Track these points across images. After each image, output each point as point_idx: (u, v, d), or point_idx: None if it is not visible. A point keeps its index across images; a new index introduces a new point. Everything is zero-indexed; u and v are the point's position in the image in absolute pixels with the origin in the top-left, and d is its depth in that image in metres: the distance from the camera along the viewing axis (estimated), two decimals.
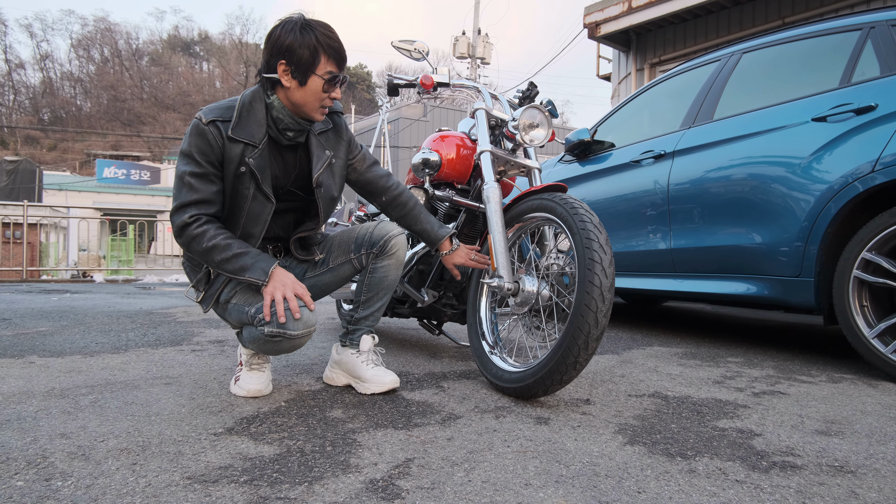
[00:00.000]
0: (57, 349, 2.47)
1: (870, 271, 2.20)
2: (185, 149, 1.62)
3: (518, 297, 1.83)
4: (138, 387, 1.82)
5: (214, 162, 1.62)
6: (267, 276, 1.58)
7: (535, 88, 2.46)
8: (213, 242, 1.59)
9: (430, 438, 1.39)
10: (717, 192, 2.75)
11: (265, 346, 1.62)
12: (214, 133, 1.60)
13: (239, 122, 1.63)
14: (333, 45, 1.64)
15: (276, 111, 1.67)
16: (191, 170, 1.61)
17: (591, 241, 1.60)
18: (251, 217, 1.68)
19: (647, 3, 7.49)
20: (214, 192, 1.63)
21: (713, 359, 2.52)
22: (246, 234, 1.70)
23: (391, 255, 1.83)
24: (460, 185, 2.33)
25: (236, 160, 1.62)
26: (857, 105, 2.31)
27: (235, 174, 1.63)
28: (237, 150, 1.62)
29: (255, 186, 1.66)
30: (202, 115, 1.62)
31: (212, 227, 1.61)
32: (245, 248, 1.62)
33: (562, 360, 1.58)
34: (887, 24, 2.44)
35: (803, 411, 1.69)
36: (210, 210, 1.63)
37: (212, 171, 1.62)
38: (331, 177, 1.81)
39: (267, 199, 1.68)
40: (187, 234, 1.60)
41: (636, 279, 3.23)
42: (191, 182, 1.61)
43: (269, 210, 1.70)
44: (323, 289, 1.91)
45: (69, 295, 5.31)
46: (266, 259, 1.62)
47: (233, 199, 1.67)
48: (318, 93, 1.64)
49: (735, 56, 3.05)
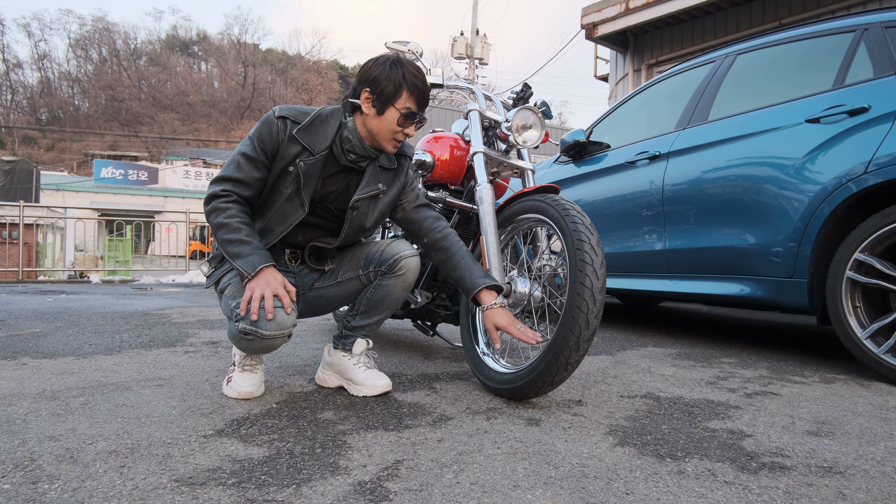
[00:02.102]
0: (50, 351, 2.46)
1: (862, 272, 2.21)
2: (251, 133, 1.70)
3: (510, 299, 1.83)
4: (130, 388, 1.82)
5: (268, 152, 1.68)
6: (254, 272, 1.58)
7: (529, 89, 2.46)
8: (228, 220, 1.63)
9: (421, 440, 1.39)
10: (712, 193, 2.75)
11: (240, 342, 1.62)
12: (280, 127, 1.67)
13: (308, 128, 1.70)
14: (418, 84, 1.69)
15: (347, 131, 1.72)
16: (245, 151, 1.68)
17: (582, 243, 1.61)
18: (279, 215, 1.73)
19: (644, 4, 7.50)
20: (256, 178, 1.69)
21: (707, 359, 2.52)
22: (268, 229, 1.74)
23: (398, 276, 1.80)
24: (454, 186, 2.33)
25: (289, 159, 1.68)
26: (851, 106, 2.32)
27: (283, 171, 1.69)
28: (293, 151, 1.68)
29: (294, 188, 1.70)
30: (277, 110, 1.70)
31: (236, 208, 1.66)
32: (251, 239, 1.63)
33: (553, 361, 1.58)
34: (881, 25, 2.44)
35: (795, 412, 1.69)
36: (244, 192, 1.68)
37: (262, 158, 1.68)
38: (370, 207, 1.79)
39: (301, 205, 1.72)
40: (213, 204, 1.66)
41: (632, 280, 3.23)
42: (240, 161, 1.68)
43: (299, 216, 1.73)
44: (329, 301, 1.90)
45: (64, 296, 5.29)
46: (263, 256, 1.62)
47: (270, 193, 1.72)
48: (393, 125, 1.68)
49: (730, 57, 3.06)
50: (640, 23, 7.66)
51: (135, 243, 15.06)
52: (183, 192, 29.54)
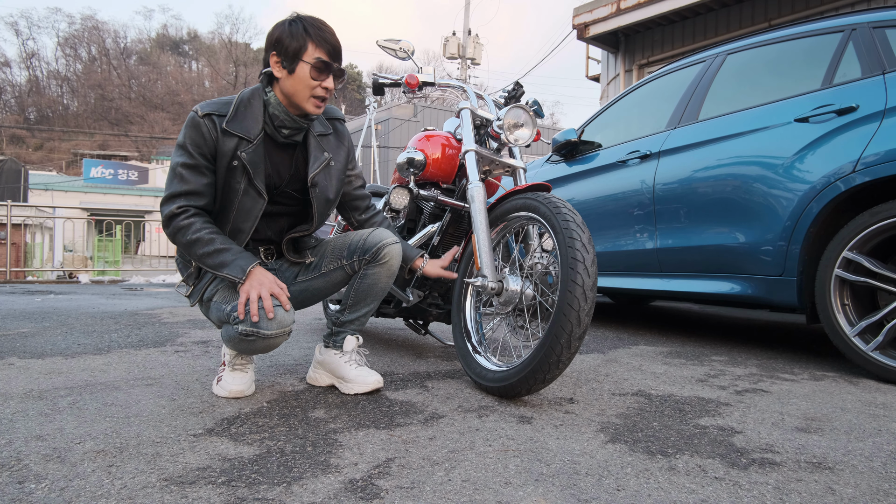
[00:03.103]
0: (37, 350, 2.43)
1: (851, 270, 2.22)
2: (181, 141, 1.64)
3: (502, 297, 1.83)
4: (118, 388, 1.80)
5: (207, 155, 1.63)
6: (245, 274, 1.58)
7: (520, 88, 2.46)
8: (197, 235, 1.60)
9: (412, 438, 1.38)
10: (702, 192, 2.76)
11: (240, 345, 1.61)
12: (209, 126, 1.62)
13: (235, 117, 1.65)
14: (322, 34, 1.66)
15: (272, 107, 1.69)
16: (183, 161, 1.62)
17: (573, 241, 1.61)
18: (241, 212, 1.69)
19: (635, 4, 7.53)
20: (205, 185, 1.64)
21: (698, 357, 2.53)
22: (236, 229, 1.71)
23: (382, 264, 1.81)
24: (445, 185, 2.32)
25: (229, 154, 1.64)
26: (839, 106, 2.34)
27: (228, 168, 1.65)
28: (231, 144, 1.64)
29: (246, 181, 1.67)
30: (199, 109, 1.64)
31: (199, 220, 1.62)
32: (228, 245, 1.62)
33: (545, 359, 1.58)
34: (868, 26, 2.47)
35: (784, 409, 1.70)
36: (199, 202, 1.64)
37: (203, 163, 1.63)
38: (327, 178, 1.80)
39: (259, 194, 1.69)
40: (174, 224, 1.61)
41: (623, 279, 3.24)
42: (182, 173, 1.62)
43: (261, 206, 1.70)
44: (314, 294, 1.90)
45: (53, 296, 5.25)
46: (247, 257, 1.62)
47: (224, 193, 1.68)
48: (307, 80, 1.64)
49: (720, 57, 3.07)
50: (631, 23, 7.69)
51: (124, 243, 14.95)
52: None
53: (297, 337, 2.89)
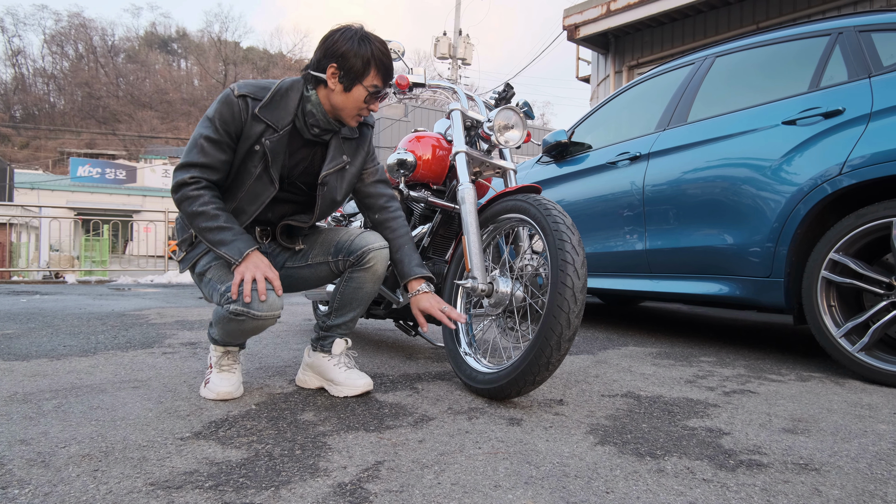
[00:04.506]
0: (22, 352, 2.40)
1: (837, 272, 2.24)
2: (210, 114, 1.65)
3: (492, 298, 1.83)
4: (105, 391, 1.78)
5: (232, 133, 1.65)
6: (241, 257, 1.59)
7: (511, 90, 2.47)
8: (203, 208, 1.61)
9: (402, 441, 1.38)
10: (692, 193, 2.78)
11: (228, 324, 1.62)
12: (241, 107, 1.64)
13: (269, 105, 1.67)
14: (385, 62, 1.69)
15: (310, 105, 1.70)
16: (207, 134, 1.63)
17: (563, 243, 1.61)
18: (250, 195, 1.71)
19: (625, 6, 7.56)
20: (222, 161, 1.66)
21: (686, 358, 2.55)
22: (239, 209, 1.72)
23: (367, 269, 1.80)
24: (436, 186, 2.32)
25: (254, 138, 1.66)
26: (826, 109, 2.36)
27: (249, 151, 1.67)
28: (258, 130, 1.65)
29: (262, 167, 1.69)
30: (235, 88, 1.66)
31: (208, 194, 1.64)
32: (230, 224, 1.63)
33: (534, 361, 1.58)
34: (854, 29, 2.49)
35: (771, 410, 1.72)
36: (213, 176, 1.66)
37: (227, 140, 1.65)
38: (338, 181, 1.81)
39: (271, 182, 1.71)
40: (183, 192, 1.63)
41: (612, 280, 3.26)
42: (203, 145, 1.63)
43: (270, 194, 1.72)
44: (299, 282, 1.91)
45: (39, 296, 5.18)
46: (246, 240, 1.63)
47: (238, 173, 1.70)
48: (359, 102, 1.69)
49: (709, 60, 3.09)
50: (621, 25, 7.72)
51: (112, 243, 14.81)
52: (162, 192, 29.11)
53: (286, 338, 2.88)
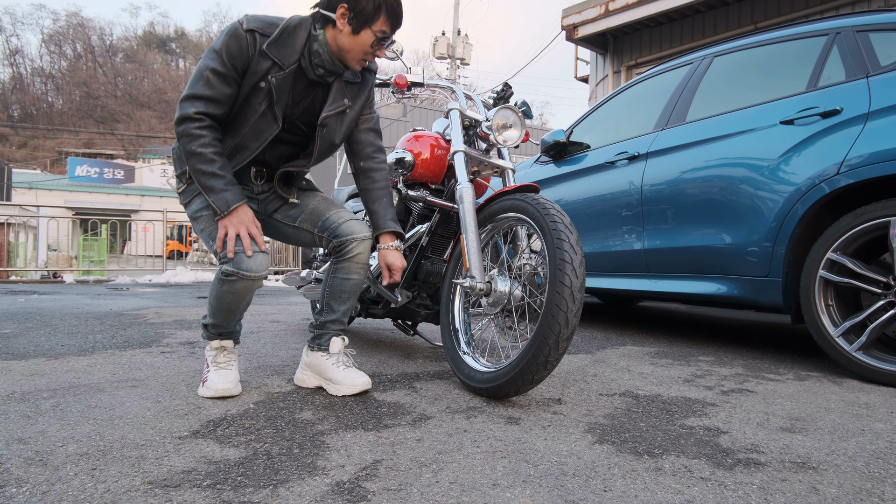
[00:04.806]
0: (20, 351, 2.40)
1: (835, 271, 2.25)
2: (216, 46, 1.64)
3: (490, 298, 1.83)
4: (103, 390, 1.78)
5: (238, 67, 1.64)
6: (228, 210, 1.62)
7: (509, 89, 2.47)
8: (201, 150, 1.63)
9: (400, 439, 1.38)
10: (690, 193, 2.78)
11: (222, 288, 1.68)
12: (249, 41, 1.63)
13: (277, 41, 1.66)
14: (396, 9, 1.69)
15: (317, 45, 1.70)
16: (214, 66, 1.63)
17: (561, 242, 1.61)
18: (254, 132, 1.72)
19: (623, 6, 7.57)
20: (227, 95, 1.66)
21: (685, 358, 2.55)
22: (242, 145, 1.73)
23: (350, 258, 1.82)
24: (434, 186, 2.32)
25: (260, 74, 1.65)
26: (823, 109, 2.36)
27: (254, 87, 1.67)
28: (264, 66, 1.65)
29: (267, 104, 1.69)
30: (244, 21, 1.65)
31: (209, 136, 1.64)
32: (224, 173, 1.65)
33: (533, 360, 1.59)
34: (852, 29, 2.50)
35: (769, 409, 1.72)
36: (217, 110, 1.66)
37: (233, 74, 1.64)
38: (338, 123, 1.83)
39: (275, 120, 1.71)
40: (186, 127, 1.63)
41: (611, 279, 3.26)
42: (209, 77, 1.63)
43: (273, 131, 1.73)
44: (283, 237, 1.95)
45: (36, 296, 5.17)
46: (235, 193, 1.65)
47: (242, 109, 1.70)
48: (366, 46, 1.69)
49: (707, 59, 3.10)
50: (619, 25, 7.73)
51: (110, 243, 14.78)
52: (160, 191, 29.08)
53: (284, 337, 2.88)
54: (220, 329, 1.82)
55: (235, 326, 1.86)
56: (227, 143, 1.73)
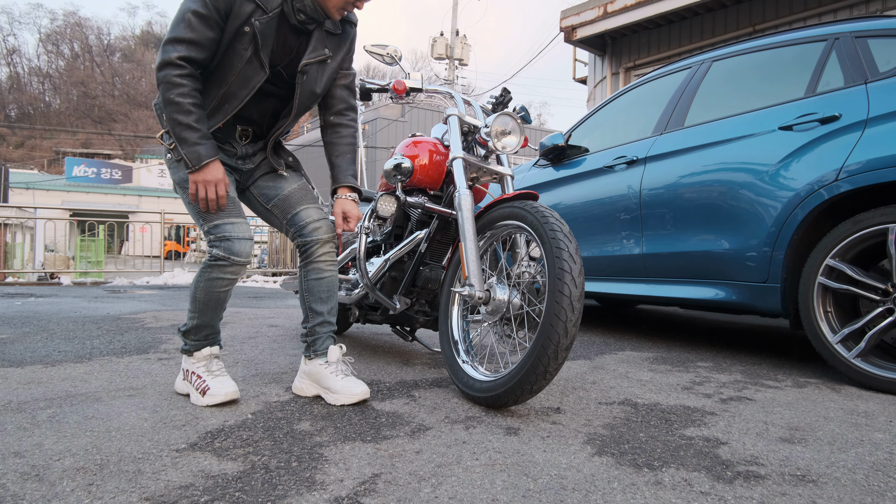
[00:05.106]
0: (17, 358, 2.39)
1: (833, 278, 2.25)
2: None
3: (489, 306, 1.83)
4: (100, 399, 1.77)
5: (221, 10, 1.63)
6: (199, 164, 1.64)
7: (508, 94, 2.46)
8: (180, 99, 1.62)
9: (399, 452, 1.37)
10: (688, 197, 2.78)
11: (211, 274, 1.73)
12: None
13: None
14: None
15: None
16: (196, 8, 1.61)
17: (560, 251, 1.61)
18: (241, 79, 1.71)
19: (622, 8, 7.57)
20: (210, 39, 1.64)
21: (683, 363, 2.55)
22: (230, 94, 1.72)
23: (317, 259, 1.87)
24: (433, 191, 2.31)
25: (243, 18, 1.65)
26: (822, 115, 2.36)
27: (237, 32, 1.67)
28: (247, 9, 1.65)
29: (253, 50, 1.69)
30: None
31: (189, 85, 1.64)
32: (200, 126, 1.65)
33: (532, 370, 1.58)
34: (851, 35, 2.50)
35: (768, 418, 1.72)
36: (200, 54, 1.64)
37: (216, 16, 1.63)
38: (319, 72, 1.83)
39: (261, 66, 1.71)
40: (167, 73, 1.62)
41: (610, 283, 3.25)
42: (191, 20, 1.61)
43: (261, 78, 1.72)
44: (254, 211, 1.99)
45: (33, 299, 5.16)
46: (208, 148, 1.66)
47: (227, 56, 1.70)
48: None
49: (705, 64, 3.10)
50: (618, 27, 7.73)
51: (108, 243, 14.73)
52: (158, 192, 29.03)
53: (282, 343, 2.87)
54: (205, 332, 1.83)
55: (219, 326, 1.88)
56: (214, 93, 1.73)
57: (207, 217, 1.72)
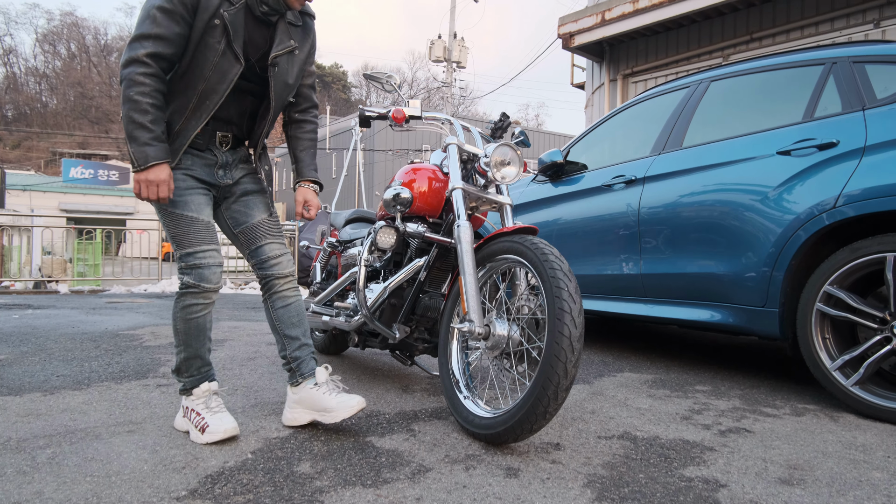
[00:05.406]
0: (16, 384, 2.38)
1: (831, 304, 2.25)
2: None
3: (489, 342, 1.83)
4: (99, 437, 1.77)
5: (187, 4, 1.64)
6: (145, 164, 1.63)
7: (507, 119, 2.47)
8: (139, 97, 1.61)
9: (399, 498, 1.38)
10: (687, 219, 2.79)
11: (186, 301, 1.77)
12: None
13: None
14: None
15: None
16: (160, 4, 1.62)
17: (560, 290, 1.61)
18: (218, 72, 1.72)
19: (620, 15, 7.57)
20: (176, 34, 1.65)
21: (682, 387, 2.55)
22: (209, 89, 1.72)
23: (279, 291, 1.93)
24: (432, 219, 2.31)
25: (211, 10, 1.66)
26: (820, 141, 2.37)
27: (208, 25, 1.68)
28: (214, 2, 1.66)
29: (226, 42, 1.71)
30: None
31: (152, 85, 1.63)
32: (154, 128, 1.64)
33: (531, 410, 1.59)
34: (849, 60, 2.50)
35: (767, 454, 1.72)
36: (167, 49, 1.64)
37: (181, 11, 1.64)
38: (289, 64, 1.86)
39: (236, 58, 1.73)
40: (132, 70, 1.61)
41: (608, 302, 3.26)
42: (156, 16, 1.62)
43: (237, 70, 1.74)
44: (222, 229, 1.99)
45: (31, 311, 5.14)
46: (159, 150, 1.65)
47: (200, 51, 1.69)
48: None
49: (703, 84, 3.10)
50: (615, 34, 7.73)
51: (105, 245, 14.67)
52: None
53: (282, 371, 2.86)
54: (196, 364, 1.85)
55: (208, 355, 1.89)
56: (193, 91, 1.72)
57: (182, 244, 1.75)
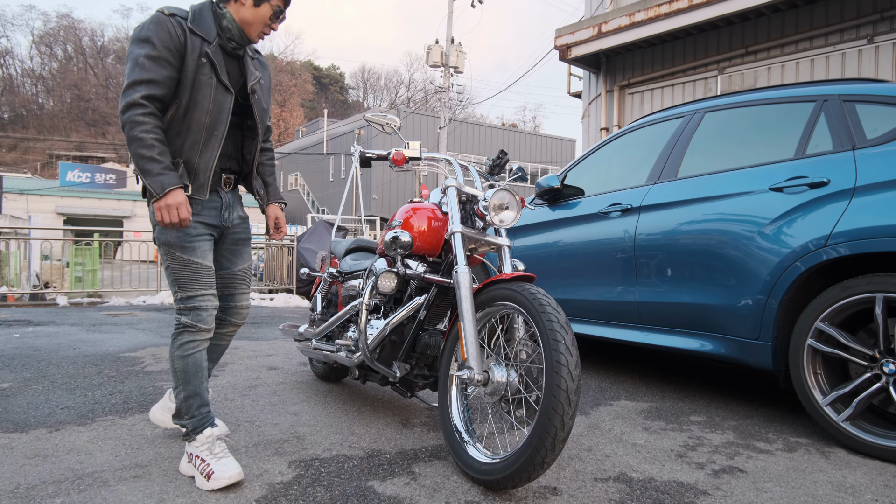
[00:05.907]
0: (20, 419, 2.42)
1: (823, 341, 2.30)
2: (143, 35, 1.76)
3: (488, 388, 1.87)
4: (107, 483, 1.80)
5: (172, 50, 1.77)
6: (163, 192, 1.73)
7: (505, 156, 2.52)
8: (143, 136, 1.72)
9: None
10: (682, 249, 2.84)
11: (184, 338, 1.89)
12: (175, 24, 1.78)
13: (195, 20, 1.84)
14: None
15: (226, 21, 1.89)
16: (146, 52, 1.74)
17: (557, 343, 1.65)
18: (217, 105, 1.86)
19: (616, 28, 7.62)
20: (166, 77, 1.77)
21: (677, 417, 2.60)
22: (214, 121, 1.86)
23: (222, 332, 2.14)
24: (432, 258, 2.36)
25: (197, 50, 1.81)
26: (812, 179, 2.42)
27: (197, 64, 1.81)
28: (197, 42, 1.82)
29: (215, 77, 1.85)
30: (164, 9, 1.81)
31: (151, 122, 1.74)
32: (162, 158, 1.75)
33: (529, 461, 1.63)
34: (839, 98, 2.55)
35: (759, 498, 1.77)
36: (159, 91, 1.76)
37: (167, 56, 1.76)
38: (262, 91, 2.05)
39: (227, 89, 1.88)
40: (131, 114, 1.72)
41: (605, 328, 3.30)
42: (144, 62, 1.74)
43: (230, 101, 1.90)
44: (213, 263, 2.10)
45: (32, 329, 5.17)
46: (172, 177, 1.76)
47: (197, 89, 1.82)
48: (265, 19, 1.90)
49: (698, 114, 3.15)
50: (612, 46, 7.79)
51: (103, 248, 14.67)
52: None
53: (282, 395, 2.91)
54: (196, 404, 1.90)
55: (207, 395, 1.95)
56: (200, 126, 1.83)
57: (185, 287, 1.87)
